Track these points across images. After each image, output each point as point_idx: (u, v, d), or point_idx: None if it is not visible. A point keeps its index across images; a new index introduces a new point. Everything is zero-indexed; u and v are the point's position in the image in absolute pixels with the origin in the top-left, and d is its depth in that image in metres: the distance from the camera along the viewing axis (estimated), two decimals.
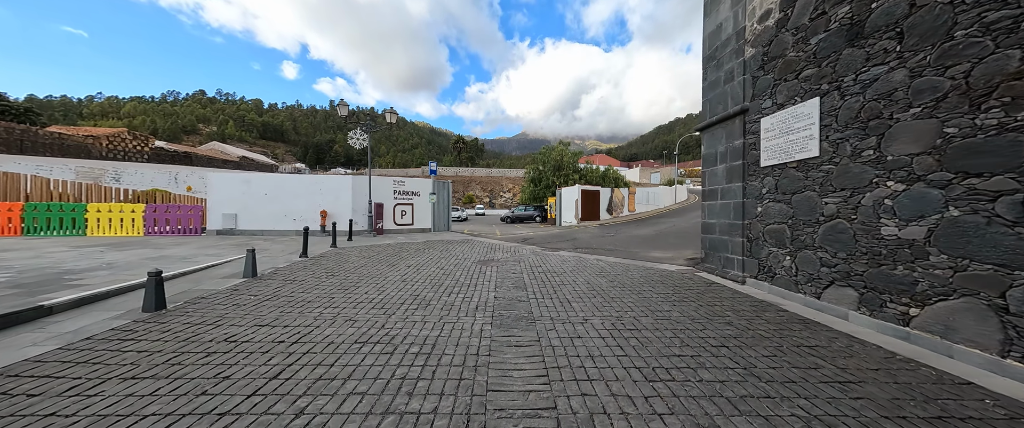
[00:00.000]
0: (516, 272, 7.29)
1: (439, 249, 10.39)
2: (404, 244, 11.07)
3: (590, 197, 24.48)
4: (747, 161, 6.10)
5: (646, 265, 8.12)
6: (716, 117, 6.80)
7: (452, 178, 72.32)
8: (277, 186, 12.84)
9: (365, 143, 12.74)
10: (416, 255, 9.08)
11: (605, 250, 10.99)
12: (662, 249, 11.15)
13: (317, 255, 8.59)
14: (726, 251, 6.59)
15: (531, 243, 12.85)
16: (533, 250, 10.74)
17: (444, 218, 16.27)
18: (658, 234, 15.93)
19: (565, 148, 29.41)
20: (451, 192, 16.60)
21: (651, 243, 12.76)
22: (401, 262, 8.01)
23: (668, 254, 10.19)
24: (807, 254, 4.81)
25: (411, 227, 14.74)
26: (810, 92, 4.78)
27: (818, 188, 4.64)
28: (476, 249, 10.65)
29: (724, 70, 6.70)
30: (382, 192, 13.82)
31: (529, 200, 31.46)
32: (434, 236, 13.82)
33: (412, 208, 14.68)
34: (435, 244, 11.41)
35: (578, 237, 14.88)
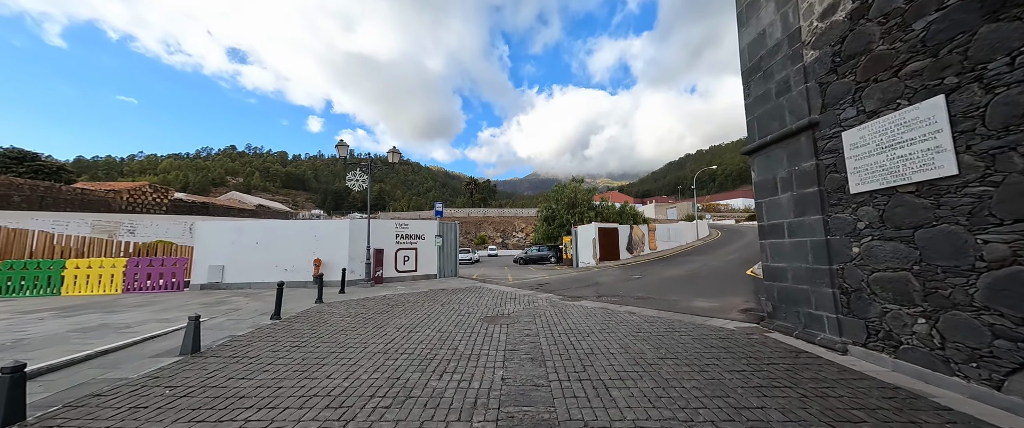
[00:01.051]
0: (531, 333, 5.80)
1: (441, 301, 8.99)
2: (402, 296, 9.73)
3: (608, 235, 22.92)
4: (826, 187, 4.72)
5: (694, 320, 6.49)
6: (771, 136, 5.54)
7: (463, 219, 71.95)
8: (269, 234, 11.95)
9: (364, 184, 11.94)
10: (412, 311, 7.69)
11: (635, 298, 9.36)
12: (704, 296, 9.43)
13: (294, 315, 7.29)
14: (807, 305, 5.00)
15: (547, 289, 11.31)
16: (550, 299, 9.21)
17: (451, 262, 14.98)
18: (692, 275, 14.13)
19: (578, 185, 28.37)
20: (459, 233, 15.47)
21: (687, 287, 11.03)
22: (392, 322, 6.62)
23: (713, 303, 8.48)
24: (961, 317, 3.25)
25: (414, 274, 13.45)
26: (925, 90, 3.51)
27: (966, 219, 3.21)
28: (484, 299, 9.19)
29: (776, 81, 5.56)
30: (383, 236, 12.77)
31: (543, 240, 30.02)
32: (439, 283, 12.45)
33: (416, 253, 13.49)
34: (438, 294, 10.02)
35: (600, 280, 13.23)
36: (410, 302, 8.70)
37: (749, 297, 9.09)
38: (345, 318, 6.91)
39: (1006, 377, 2.94)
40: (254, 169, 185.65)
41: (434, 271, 14.09)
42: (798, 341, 4.98)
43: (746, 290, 10.42)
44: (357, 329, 6.03)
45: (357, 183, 11.89)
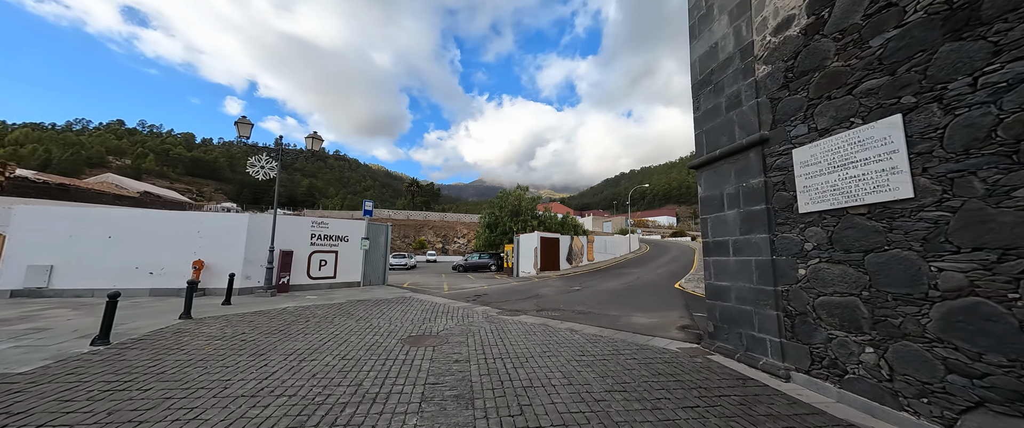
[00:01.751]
0: (460, 359, 4.87)
1: (358, 315, 7.61)
2: (309, 308, 8.11)
3: (550, 245, 22.85)
4: (774, 205, 4.59)
5: (637, 340, 6.10)
6: (720, 151, 5.40)
7: (402, 222, 68.13)
8: (131, 226, 9.30)
9: (272, 173, 9.96)
10: (315, 329, 6.26)
11: (576, 312, 8.92)
12: (642, 310, 9.33)
13: (135, 338, 5.38)
14: (750, 328, 4.81)
15: (484, 301, 10.44)
16: (487, 313, 8.35)
17: (379, 268, 13.37)
18: (628, 288, 14.32)
19: (523, 193, 28.16)
20: (391, 236, 13.94)
21: (624, 301, 10.97)
22: (280, 346, 5.20)
23: (652, 318, 8.35)
24: (912, 348, 3.09)
25: (332, 281, 11.64)
26: (880, 109, 3.40)
27: (920, 245, 3.06)
28: (412, 313, 8.01)
29: (726, 95, 5.45)
30: (295, 236, 10.83)
31: (484, 247, 29.16)
32: (361, 293, 10.88)
33: (335, 257, 11.70)
34: (356, 307, 8.57)
35: (541, 292, 12.73)
36: (317, 317, 7.19)
37: (683, 313, 9.17)
38: (213, 342, 5.27)
39: (959, 415, 2.76)
40: (148, 150, 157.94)
41: (358, 278, 12.38)
42: (740, 365, 4.75)
43: (679, 304, 10.63)
44: (224, 359, 4.53)
45: (262, 171, 9.85)
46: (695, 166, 6.05)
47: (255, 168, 9.83)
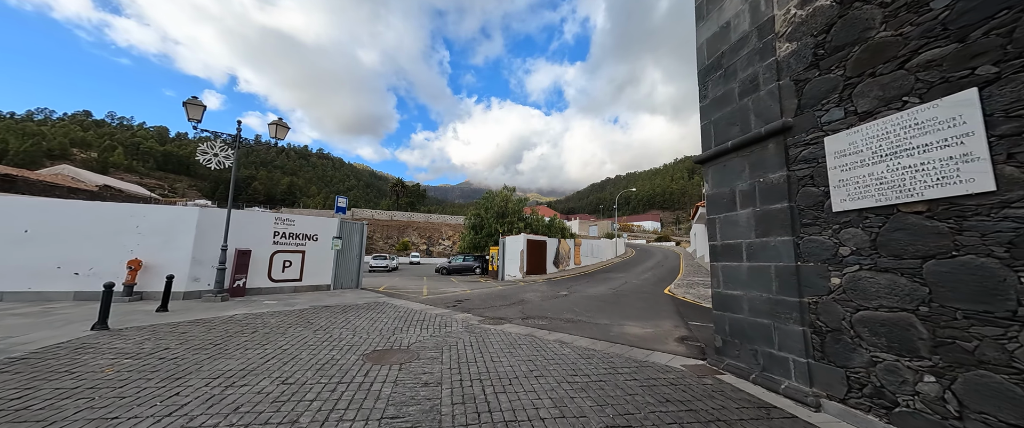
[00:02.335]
0: (431, 382, 4.05)
1: (319, 324, 6.66)
2: (262, 316, 7.10)
3: (537, 248, 22.16)
4: (798, 203, 3.97)
5: (634, 355, 5.40)
6: (732, 142, 4.77)
7: (386, 223, 66.31)
8: (52, 219, 7.96)
9: (227, 162, 8.85)
10: (261, 343, 5.31)
11: (565, 321, 8.19)
12: (634, 319, 8.68)
13: (19, 357, 4.31)
14: (767, 344, 4.17)
15: (466, 308, 9.60)
16: (467, 322, 7.53)
17: (352, 271, 12.35)
18: (616, 294, 13.72)
19: (510, 194, 27.41)
20: (366, 235, 12.94)
21: (614, 308, 10.32)
22: (210, 366, 4.25)
23: (646, 328, 7.69)
24: (992, 380, 2.46)
25: (296, 284, 10.55)
26: (945, 84, 2.80)
27: (1005, 250, 2.45)
28: (382, 322, 7.11)
29: (740, 80, 4.83)
30: (255, 234, 9.72)
31: (469, 249, 28.25)
32: (329, 297, 9.87)
33: (302, 257, 10.63)
34: (318, 314, 7.59)
35: (526, 298, 11.97)
36: (267, 327, 6.21)
37: (677, 321, 8.56)
38: (121, 361, 4.26)
39: None
40: (116, 143, 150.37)
41: (327, 281, 11.32)
42: (758, 388, 4.09)
43: (671, 312, 10.05)
44: (124, 387, 3.57)
45: (215, 160, 8.71)
46: (701, 160, 5.43)
47: (206, 156, 8.67)
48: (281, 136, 9.39)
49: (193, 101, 8.13)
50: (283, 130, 9.40)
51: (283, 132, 9.40)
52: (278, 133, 9.31)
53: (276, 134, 9.30)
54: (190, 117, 8.16)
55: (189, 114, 8.17)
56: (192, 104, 8.14)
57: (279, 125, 9.29)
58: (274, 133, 9.31)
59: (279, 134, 9.33)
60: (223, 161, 8.73)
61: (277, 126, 9.28)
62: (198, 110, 8.23)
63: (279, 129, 9.32)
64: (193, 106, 8.16)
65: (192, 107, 8.15)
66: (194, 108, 8.17)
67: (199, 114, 8.22)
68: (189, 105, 8.13)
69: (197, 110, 8.21)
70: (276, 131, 9.30)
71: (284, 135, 9.44)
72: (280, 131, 9.36)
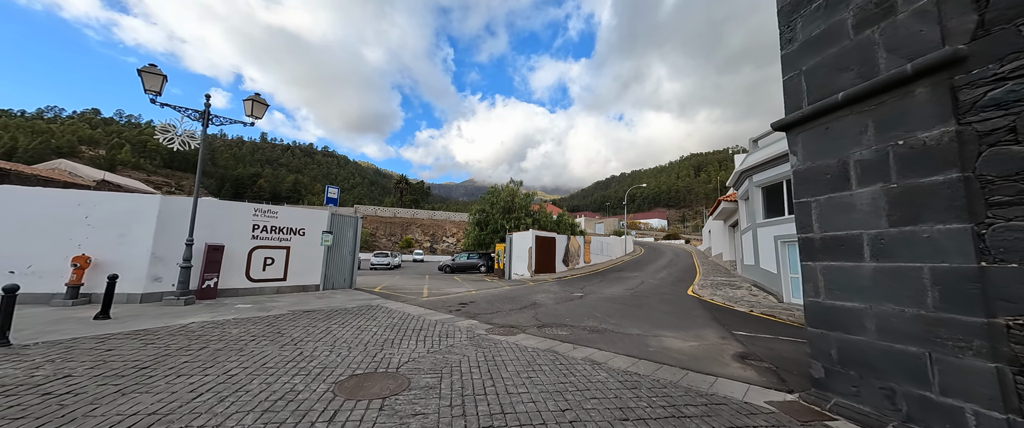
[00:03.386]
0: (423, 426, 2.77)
1: (291, 336, 5.41)
2: (221, 325, 5.83)
3: (545, 245, 20.84)
4: (982, 172, 2.61)
5: (694, 384, 4.08)
6: (844, 94, 3.41)
7: (390, 220, 65.30)
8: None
9: (194, 143, 7.54)
10: (205, 366, 4.06)
11: (587, 329, 6.87)
12: (666, 327, 7.35)
13: None
14: (915, 382, 2.82)
15: (471, 312, 8.32)
16: (472, 332, 6.24)
17: (345, 269, 11.11)
18: (635, 296, 12.39)
19: (517, 188, 26.03)
20: (360, 231, 11.69)
21: (639, 312, 8.99)
22: (115, 405, 3.00)
23: (688, 339, 6.36)
24: None
25: (280, 284, 9.32)
26: None
27: None
28: (370, 332, 5.85)
29: (856, 5, 3.46)
30: (230, 227, 8.48)
31: (474, 246, 26.99)
32: (315, 300, 8.63)
33: (286, 254, 9.39)
34: (296, 321, 6.35)
35: (538, 300, 10.67)
36: (224, 341, 4.95)
37: (721, 332, 7.22)
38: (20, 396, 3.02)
39: None
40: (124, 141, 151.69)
41: (316, 280, 10.09)
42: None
43: (706, 318, 8.71)
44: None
45: (174, 139, 7.42)
46: (785, 126, 4.07)
47: (168, 136, 7.36)
48: (258, 115, 8.11)
49: (150, 69, 6.82)
50: (260, 107, 8.11)
51: (260, 110, 8.11)
52: (255, 111, 8.01)
53: (252, 112, 8.00)
54: (147, 88, 6.85)
55: (145, 84, 6.84)
56: (148, 73, 6.82)
57: (255, 102, 8.00)
58: (250, 111, 8.02)
59: (256, 112, 8.03)
60: (188, 142, 7.46)
61: (254, 102, 7.99)
62: (156, 80, 6.91)
63: (255, 106, 8.03)
64: (150, 75, 6.84)
65: (149, 76, 6.83)
66: (151, 77, 6.85)
67: (158, 85, 6.92)
68: (145, 73, 6.80)
69: (155, 80, 6.89)
70: (252, 108, 8.01)
71: (261, 113, 8.16)
72: (257, 108, 8.06)
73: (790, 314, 9.78)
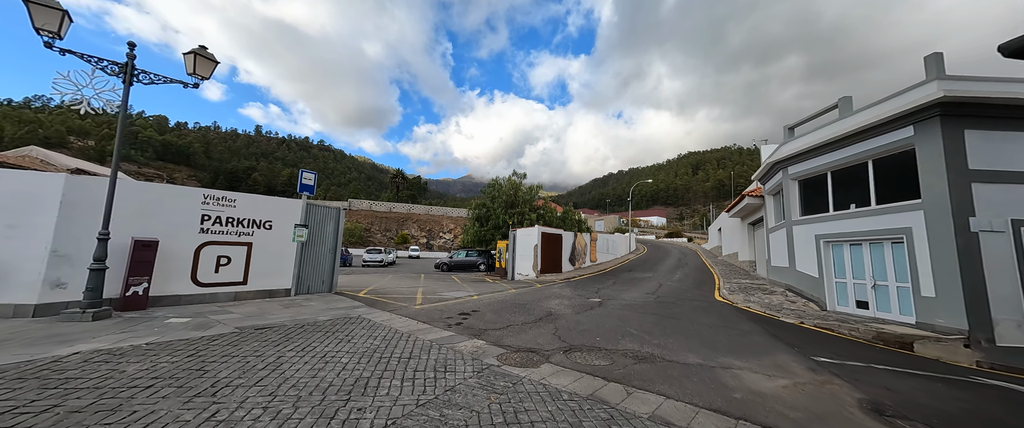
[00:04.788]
0: None
1: (222, 375, 3.70)
2: (121, 357, 4.08)
3: (552, 242, 19.18)
4: None
5: None
6: None
7: (385, 215, 63.41)
8: None
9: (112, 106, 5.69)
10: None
11: (631, 356, 5.20)
12: (731, 352, 5.69)
13: None
14: None
15: (475, 327, 6.63)
16: (481, 363, 4.55)
17: (323, 269, 9.37)
18: (660, 303, 10.76)
19: (520, 181, 24.23)
20: (343, 225, 9.94)
21: (680, 327, 7.34)
22: None
23: (771, 373, 4.71)
24: None
25: (239, 288, 7.55)
26: None
27: None
28: (336, 365, 4.15)
29: None
30: (168, 218, 6.61)
31: (473, 243, 25.29)
32: (279, 310, 6.90)
33: (247, 251, 7.59)
34: (240, 344, 4.64)
35: (554, 309, 9.00)
36: (102, 391, 3.21)
37: (799, 358, 5.59)
38: None
39: None
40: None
41: (287, 283, 8.33)
42: None
43: (763, 334, 7.09)
44: None
45: (84, 103, 5.50)
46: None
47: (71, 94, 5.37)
48: (204, 73, 6.22)
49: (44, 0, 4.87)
50: (206, 64, 6.19)
51: (206, 67, 6.20)
52: (198, 68, 6.10)
53: (195, 69, 6.09)
54: (39, 26, 4.86)
55: (36, 21, 4.82)
56: (37, 3, 4.85)
57: (199, 56, 6.06)
58: (192, 68, 6.09)
59: (201, 69, 6.12)
60: (101, 104, 5.57)
61: (197, 57, 6.04)
62: (51, 16, 4.89)
63: (200, 62, 6.09)
64: (41, 7, 4.86)
65: (39, 9, 4.86)
66: (43, 11, 4.88)
67: (55, 22, 4.94)
68: (33, 3, 4.85)
69: (49, 15, 4.89)
70: (195, 64, 6.09)
71: (208, 72, 6.29)
72: (202, 65, 6.13)
73: (853, 329, 8.17)
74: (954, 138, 8.29)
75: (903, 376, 5.07)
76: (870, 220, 9.97)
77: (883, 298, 9.66)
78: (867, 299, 10.00)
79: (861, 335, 8.04)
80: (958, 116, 8.31)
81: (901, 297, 9.14)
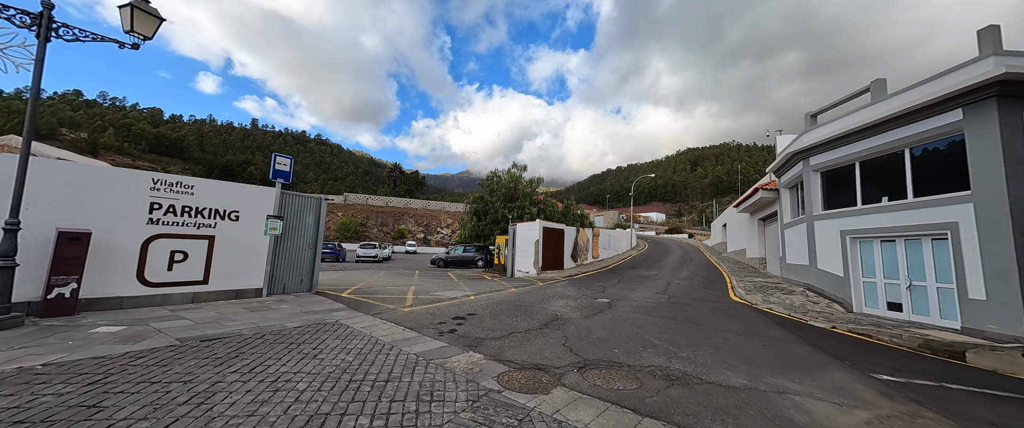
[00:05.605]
0: None
1: (123, 412, 2.74)
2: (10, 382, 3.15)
3: (554, 238, 18.21)
4: None
5: None
6: None
7: (382, 209, 62.21)
8: None
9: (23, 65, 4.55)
10: None
11: (661, 376, 4.24)
12: (776, 368, 4.75)
13: None
14: None
15: (470, 336, 5.66)
16: (476, 388, 3.58)
17: (302, 267, 8.36)
18: (674, 304, 9.83)
19: (519, 174, 23.18)
20: (324, 216, 8.92)
21: (704, 334, 6.39)
22: None
23: (836, 399, 3.77)
24: None
25: (198, 288, 6.54)
26: None
27: None
28: (286, 399, 3.17)
29: None
30: (107, 205, 5.55)
31: (470, 238, 24.31)
32: (243, 315, 5.91)
33: (209, 245, 6.56)
34: (172, 363, 3.66)
35: (559, 311, 8.05)
36: None
37: (855, 374, 4.66)
38: None
39: None
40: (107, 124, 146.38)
41: (258, 283, 7.32)
42: None
43: (802, 344, 6.15)
44: None
45: None
46: None
47: None
48: (145, 32, 5.04)
49: None
50: (147, 21, 5.00)
51: (148, 24, 5.01)
52: (138, 24, 4.91)
53: (133, 26, 4.93)
54: None
55: None
56: None
57: (137, 8, 4.91)
58: (129, 24, 4.92)
59: (140, 26, 4.95)
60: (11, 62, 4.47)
61: (134, 9, 4.91)
62: None
63: (138, 16, 4.89)
64: None
65: None
66: None
67: None
68: None
69: None
70: (132, 19, 4.92)
71: (151, 30, 5.11)
72: (141, 21, 4.92)
73: (893, 335, 7.27)
74: (1012, 122, 7.31)
75: (994, 401, 4.14)
76: (906, 214, 9.02)
77: (920, 300, 8.74)
78: (901, 301, 9.09)
79: (904, 342, 7.14)
80: (1018, 97, 7.33)
81: (943, 299, 8.22)
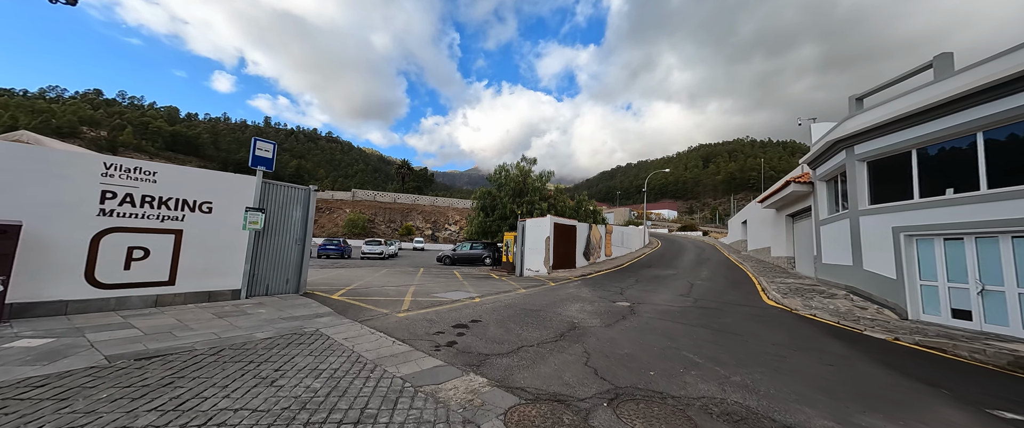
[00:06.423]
0: None
1: None
2: None
3: (565, 234, 17.17)
4: None
5: None
6: None
7: (390, 205, 61.79)
8: None
9: None
10: None
11: (717, 414, 3.22)
12: (860, 400, 3.67)
13: None
14: None
15: (472, 354, 4.72)
16: (473, 426, 2.63)
17: (288, 265, 7.51)
18: (703, 310, 8.73)
19: (529, 168, 22.08)
20: (313, 209, 8.05)
21: (750, 350, 5.31)
22: None
23: None
24: None
25: (162, 290, 5.72)
26: None
27: None
28: None
29: None
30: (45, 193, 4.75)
31: (477, 234, 23.40)
32: (208, 322, 5.06)
33: (176, 241, 5.71)
34: (89, 387, 2.80)
35: (576, 318, 7.04)
36: None
37: (964, 412, 3.54)
38: None
39: None
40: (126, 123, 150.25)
41: (235, 283, 6.49)
42: None
43: (874, 363, 5.01)
44: None
45: None
46: None
47: None
48: None
49: None
50: None
51: None
52: None
53: None
54: None
55: None
56: None
57: None
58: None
59: None
60: None
61: None
62: None
63: None
64: None
65: None
66: None
67: None
68: None
69: None
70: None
71: None
72: None
73: (972, 350, 6.08)
74: None
75: None
76: (978, 208, 7.75)
77: (996, 308, 7.49)
78: (970, 308, 7.84)
79: (989, 359, 5.94)
80: None
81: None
